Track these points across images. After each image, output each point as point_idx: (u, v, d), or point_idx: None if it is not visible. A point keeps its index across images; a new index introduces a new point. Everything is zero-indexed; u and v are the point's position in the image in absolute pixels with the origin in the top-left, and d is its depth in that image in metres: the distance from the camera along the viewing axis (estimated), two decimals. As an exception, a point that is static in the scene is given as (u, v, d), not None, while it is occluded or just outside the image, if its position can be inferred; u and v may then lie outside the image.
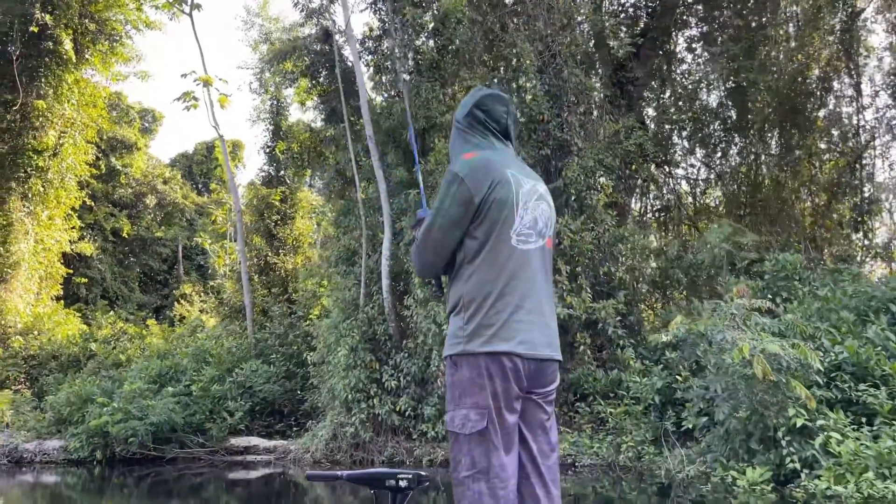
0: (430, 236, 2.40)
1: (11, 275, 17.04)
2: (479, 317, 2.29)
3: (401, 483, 2.43)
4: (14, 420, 13.13)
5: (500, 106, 2.57)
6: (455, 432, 2.31)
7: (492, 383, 2.25)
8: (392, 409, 10.77)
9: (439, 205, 2.39)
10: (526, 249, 2.39)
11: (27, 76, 17.70)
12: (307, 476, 2.86)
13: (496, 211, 2.34)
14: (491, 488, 2.22)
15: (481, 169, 2.36)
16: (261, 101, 20.96)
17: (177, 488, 10.86)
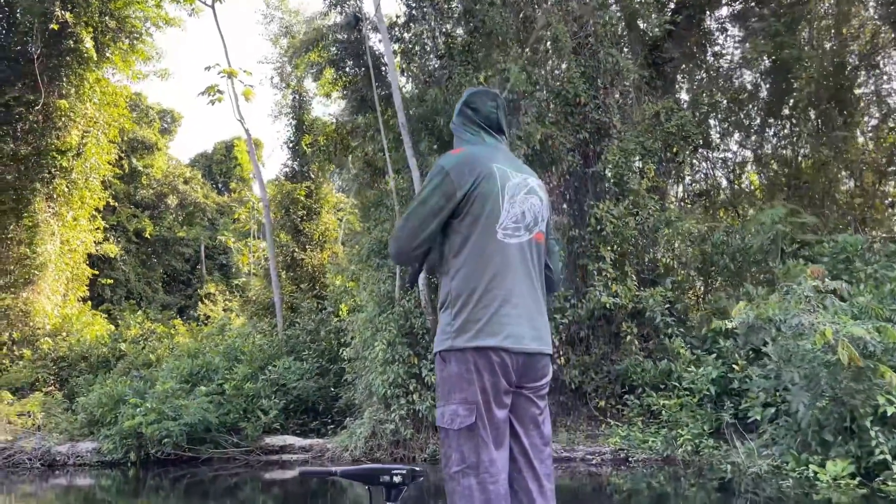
0: (408, 223, 2.39)
1: (39, 276, 16.90)
2: (465, 312, 2.29)
3: (395, 479, 2.43)
4: (46, 422, 12.94)
5: (489, 101, 2.60)
6: (444, 428, 2.30)
7: (480, 378, 2.24)
8: (433, 405, 10.39)
9: (421, 194, 2.40)
10: (512, 243, 2.37)
11: (48, 75, 17.54)
12: (301, 472, 2.91)
13: (480, 205, 2.34)
14: (481, 483, 2.21)
15: (467, 164, 2.37)
16: (282, 97, 20.71)
17: (213, 489, 10.59)
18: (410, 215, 2.40)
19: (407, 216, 2.41)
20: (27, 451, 11.86)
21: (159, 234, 31.02)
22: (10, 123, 17.23)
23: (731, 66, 15.27)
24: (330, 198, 19.59)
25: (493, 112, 2.60)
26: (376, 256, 12.27)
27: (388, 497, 2.48)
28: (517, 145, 10.92)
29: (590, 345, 11.06)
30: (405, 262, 2.52)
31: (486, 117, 2.59)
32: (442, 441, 2.34)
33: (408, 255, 2.46)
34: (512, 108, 11.34)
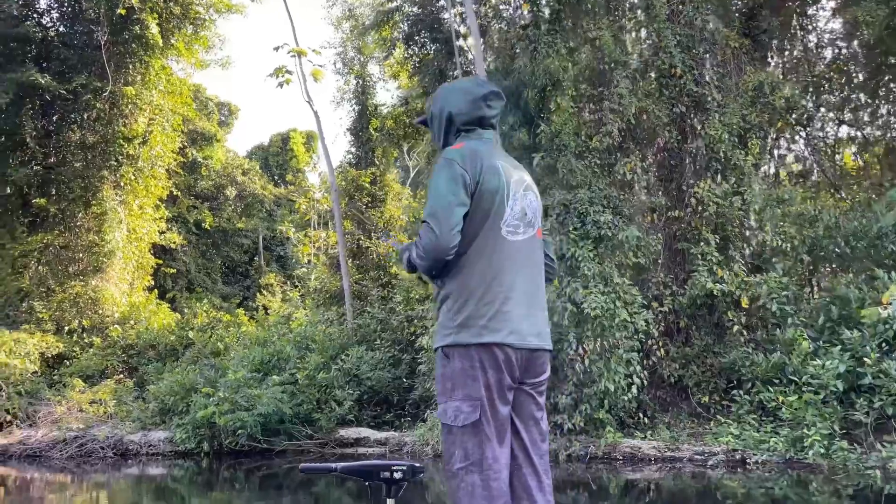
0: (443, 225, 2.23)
1: (107, 264, 16.82)
2: (468, 308, 2.26)
3: (395, 475, 2.43)
4: (117, 410, 12.73)
5: (500, 102, 2.56)
6: (448, 424, 2.27)
7: (484, 375, 2.22)
8: (521, 398, 9.70)
9: (440, 191, 2.28)
10: (515, 241, 2.36)
11: (115, 63, 17.45)
12: (301, 469, 2.81)
13: (488, 201, 2.31)
14: (484, 480, 2.20)
15: (472, 158, 2.33)
16: (344, 83, 20.27)
17: (287, 482, 10.13)
18: (439, 217, 2.25)
19: (437, 219, 2.24)
20: (100, 439, 11.63)
21: (218, 226, 31.15)
22: (78, 112, 17.19)
23: (831, 37, 14.10)
24: (394, 185, 19.05)
25: (498, 113, 2.56)
26: (455, 241, 11.63)
27: (388, 493, 2.47)
28: (610, 119, 10.12)
29: (689, 335, 10.20)
30: (438, 269, 2.32)
31: (492, 117, 2.54)
32: (444, 438, 2.31)
33: (443, 262, 2.29)
34: (604, 81, 10.54)
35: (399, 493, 2.46)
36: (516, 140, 10.10)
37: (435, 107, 2.60)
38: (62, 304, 15.71)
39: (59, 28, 18.96)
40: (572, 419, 9.30)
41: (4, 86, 15.52)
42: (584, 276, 8.96)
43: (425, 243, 2.26)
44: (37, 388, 13.18)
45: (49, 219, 16.80)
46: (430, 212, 2.28)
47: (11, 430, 12.29)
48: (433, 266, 2.31)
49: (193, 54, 20.21)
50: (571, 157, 9.65)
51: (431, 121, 2.62)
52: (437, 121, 2.58)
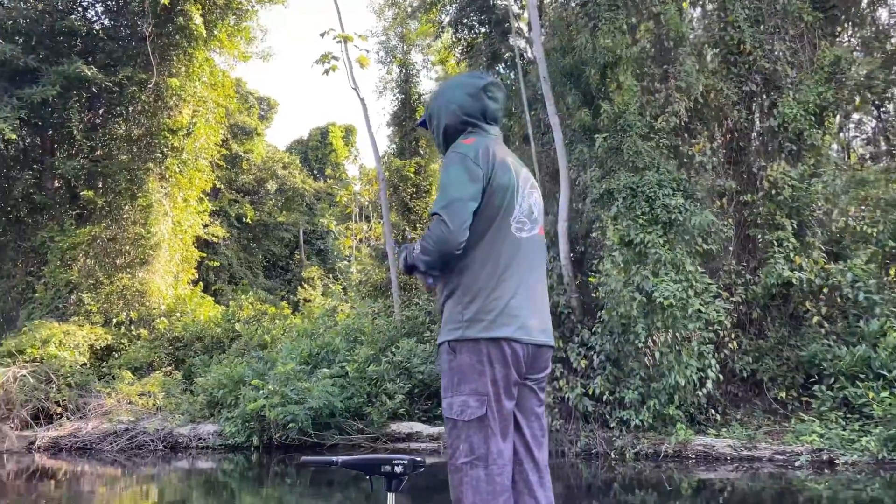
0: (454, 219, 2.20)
1: (153, 256, 16.78)
2: (478, 303, 2.26)
3: (396, 468, 2.45)
4: (166, 403, 12.61)
5: (502, 94, 2.54)
6: (453, 419, 2.27)
7: (492, 369, 2.23)
8: (583, 393, 9.24)
9: (452, 185, 2.25)
10: (523, 237, 2.38)
11: (159, 54, 17.37)
12: (301, 462, 2.87)
13: (499, 197, 2.31)
14: (489, 475, 2.22)
15: (483, 153, 2.31)
16: (387, 72, 19.94)
17: (339, 478, 9.82)
18: (452, 210, 2.22)
19: (449, 213, 2.21)
20: (150, 432, 11.50)
21: (259, 220, 31.22)
22: (124, 104, 17.17)
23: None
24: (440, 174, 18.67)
25: (501, 106, 2.53)
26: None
27: (388, 487, 2.46)
28: (676, 98, 9.55)
29: (763, 327, 9.60)
30: (445, 265, 2.31)
31: (495, 110, 2.50)
32: (449, 432, 2.31)
33: (451, 256, 2.26)
34: (669, 58, 9.96)
35: (400, 486, 2.47)
36: (577, 121, 9.60)
37: (434, 105, 2.57)
38: (110, 297, 15.70)
39: (104, 21, 19.01)
40: (640, 415, 8.80)
41: (52, 78, 15.54)
42: (653, 263, 8.44)
43: (437, 236, 2.23)
44: (86, 381, 13.13)
45: (96, 211, 16.83)
46: (442, 205, 2.24)
47: (62, 422, 12.25)
48: (440, 260, 2.27)
49: (235, 46, 20.08)
50: (637, 137, 9.12)
51: (430, 120, 2.59)
52: (436, 119, 2.55)
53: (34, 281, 15.87)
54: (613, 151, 9.21)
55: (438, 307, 2.44)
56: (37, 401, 12.27)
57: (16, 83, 15.62)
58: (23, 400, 12.10)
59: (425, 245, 2.27)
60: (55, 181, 17.24)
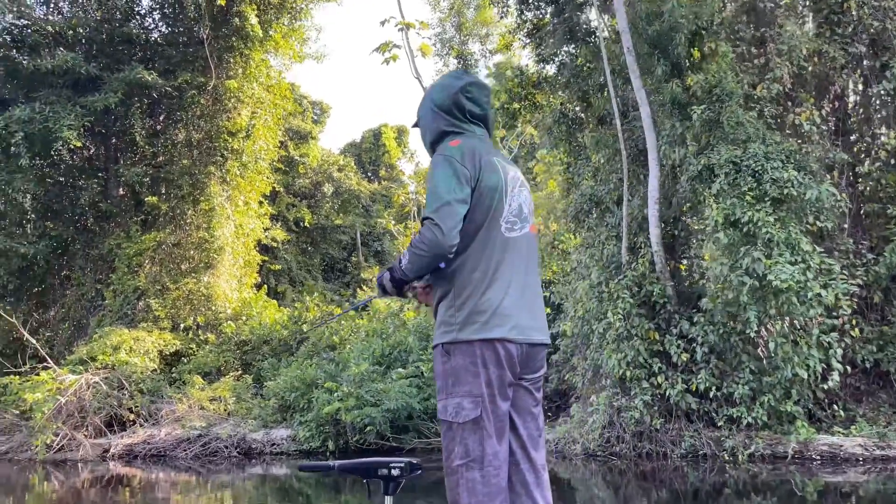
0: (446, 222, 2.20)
1: (217, 260, 16.63)
2: (470, 304, 2.25)
3: (393, 472, 2.43)
4: (237, 408, 12.30)
5: (485, 95, 2.53)
6: (448, 421, 2.28)
7: (486, 371, 2.23)
8: (685, 390, 8.45)
9: (441, 188, 2.25)
10: (512, 237, 2.37)
11: (217, 56, 17.25)
12: (299, 467, 2.82)
13: (488, 198, 2.32)
14: (485, 476, 2.21)
15: (470, 155, 2.32)
16: (443, 64, 19.41)
17: (419, 484, 9.27)
18: (443, 214, 2.21)
19: (441, 216, 2.20)
20: (223, 438, 11.19)
21: (317, 223, 31.19)
22: (183, 109, 17.09)
23: None
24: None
25: (486, 106, 2.53)
26: (591, 213, 10.45)
27: (386, 490, 2.45)
28: (777, 63, 8.67)
29: (886, 312, 8.63)
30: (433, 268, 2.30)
31: (480, 110, 2.51)
32: (444, 434, 2.30)
33: (443, 259, 2.26)
34: (766, 20, 9.08)
35: (397, 490, 2.45)
36: (667, 93, 8.81)
37: (420, 109, 2.57)
38: (177, 302, 15.57)
39: (162, 29, 19.03)
40: (752, 412, 7.96)
41: (113, 86, 15.53)
42: (765, 243, 7.60)
43: (429, 240, 2.20)
44: (157, 387, 12.96)
45: (161, 217, 16.77)
46: (432, 209, 2.23)
47: (135, 429, 12.07)
48: (431, 264, 2.26)
49: (290, 46, 19.86)
50: (737, 107, 8.29)
51: (420, 123, 2.58)
52: (422, 122, 2.56)
53: (103, 288, 15.88)
54: (711, 124, 8.40)
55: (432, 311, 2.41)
56: (110, 408, 12.13)
57: (79, 92, 15.67)
58: (96, 407, 11.97)
59: (416, 251, 2.24)
60: (120, 189, 17.27)
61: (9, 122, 14.28)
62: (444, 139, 2.47)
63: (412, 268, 2.29)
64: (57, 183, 17.01)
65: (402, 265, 2.32)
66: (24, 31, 16.62)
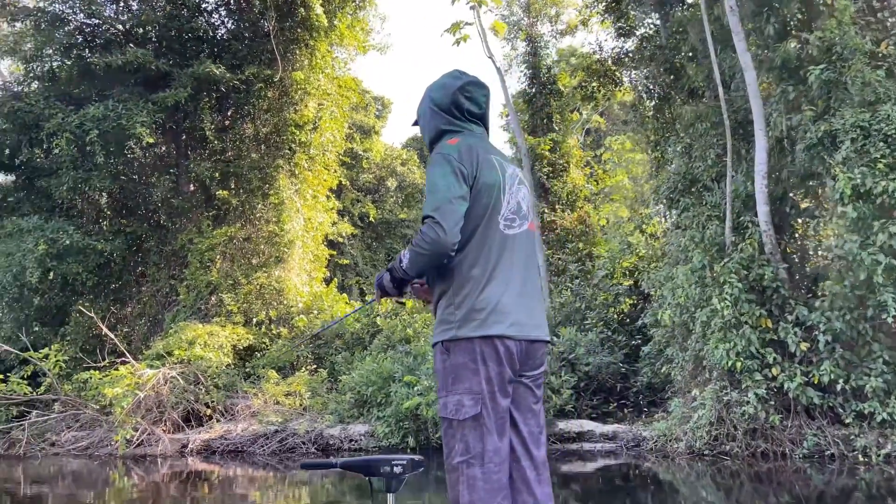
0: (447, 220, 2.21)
1: (288, 254, 16.47)
2: (469, 302, 2.27)
3: (395, 469, 2.42)
4: (312, 403, 12.00)
5: (482, 94, 2.54)
6: (448, 418, 2.29)
7: (485, 368, 2.24)
8: (805, 383, 7.61)
9: (440, 187, 2.27)
10: (511, 234, 2.38)
11: (282, 49, 17.07)
12: (302, 465, 2.86)
13: (486, 196, 2.33)
14: (485, 473, 2.21)
15: (467, 153, 2.34)
16: (511, 48, 18.73)
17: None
18: (444, 212, 2.22)
19: (442, 215, 2.21)
20: (300, 434, 10.88)
21: (381, 217, 31.05)
22: (251, 103, 16.99)
23: None
24: (576, 151, 17.24)
25: (485, 105, 2.55)
26: (686, 192, 9.65)
27: (388, 488, 2.43)
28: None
29: None
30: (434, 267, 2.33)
31: (479, 109, 2.53)
32: (444, 431, 2.30)
33: (445, 258, 2.27)
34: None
35: (400, 487, 2.44)
36: (780, 54, 7.95)
37: (420, 108, 2.59)
38: (248, 296, 15.45)
39: (228, 25, 19.01)
40: (887, 407, 7.07)
41: (183, 81, 15.51)
42: (904, 215, 6.71)
43: (431, 239, 2.20)
44: (232, 382, 12.81)
45: (231, 212, 16.72)
46: (432, 207, 2.24)
47: (212, 424, 11.91)
48: (433, 262, 2.26)
49: (355, 37, 19.57)
50: (862, 66, 7.38)
51: (420, 122, 2.60)
52: (422, 121, 2.58)
53: (177, 284, 15.92)
54: (831, 86, 7.51)
55: (432, 308, 2.40)
56: (187, 403, 12.01)
57: (150, 88, 15.73)
58: (173, 402, 11.87)
59: (418, 250, 2.23)
60: (190, 185, 17.31)
61: (84, 121, 14.40)
62: (442, 138, 2.47)
63: (413, 267, 2.29)
64: (130, 180, 17.18)
65: (403, 265, 2.33)
66: (96, 30, 16.83)
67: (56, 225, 14.52)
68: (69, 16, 16.30)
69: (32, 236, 14.05)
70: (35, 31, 15.75)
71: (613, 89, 13.16)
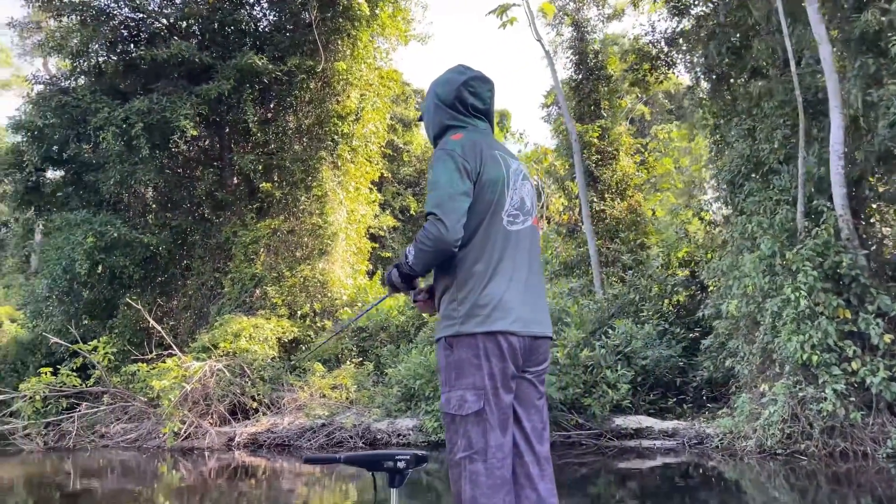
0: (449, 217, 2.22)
1: (331, 246, 16.32)
2: (472, 297, 2.27)
3: (399, 464, 2.39)
4: (359, 396, 11.79)
5: (487, 89, 2.53)
6: (451, 414, 2.29)
7: (488, 363, 2.25)
8: (889, 377, 7.06)
9: (443, 182, 2.27)
10: (514, 230, 2.38)
11: (324, 39, 16.89)
12: (305, 459, 2.88)
13: (489, 191, 2.34)
14: (488, 469, 2.21)
15: (471, 148, 2.34)
16: (556, 33, 18.23)
17: (560, 480, 8.33)
18: (447, 208, 2.23)
19: (444, 210, 2.23)
20: (347, 428, 10.67)
21: (422, 211, 30.79)
22: (293, 95, 16.86)
23: None
24: (626, 138, 16.69)
25: (489, 100, 2.54)
26: (751, 176, 9.12)
27: (391, 483, 2.42)
28: None
29: None
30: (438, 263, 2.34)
31: (483, 104, 2.52)
32: (447, 427, 2.31)
33: (448, 253, 2.28)
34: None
35: (403, 482, 2.43)
36: (859, 25, 7.38)
37: (424, 104, 2.61)
38: (293, 289, 15.35)
39: (270, 17, 18.93)
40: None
41: (226, 73, 15.45)
42: None
43: (433, 235, 2.21)
44: (277, 374, 12.69)
45: (274, 205, 16.65)
46: (435, 203, 2.26)
47: (258, 417, 11.80)
48: (436, 258, 2.28)
49: (397, 26, 19.30)
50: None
51: (424, 117, 2.61)
52: (426, 117, 2.60)
53: (221, 277, 15.90)
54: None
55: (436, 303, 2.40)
56: (233, 395, 11.92)
57: (193, 81, 15.73)
58: (220, 395, 11.79)
59: (421, 246, 2.26)
60: (234, 178, 17.28)
61: (129, 114, 14.43)
62: (446, 133, 2.46)
63: (418, 262, 2.29)
64: (175, 174, 17.23)
65: (409, 261, 2.33)
66: (140, 24, 16.89)
67: (103, 218, 14.61)
68: (114, 10, 16.37)
69: (81, 229, 14.15)
70: (81, 27, 15.86)
71: (666, 72, 12.59)
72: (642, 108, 25.36)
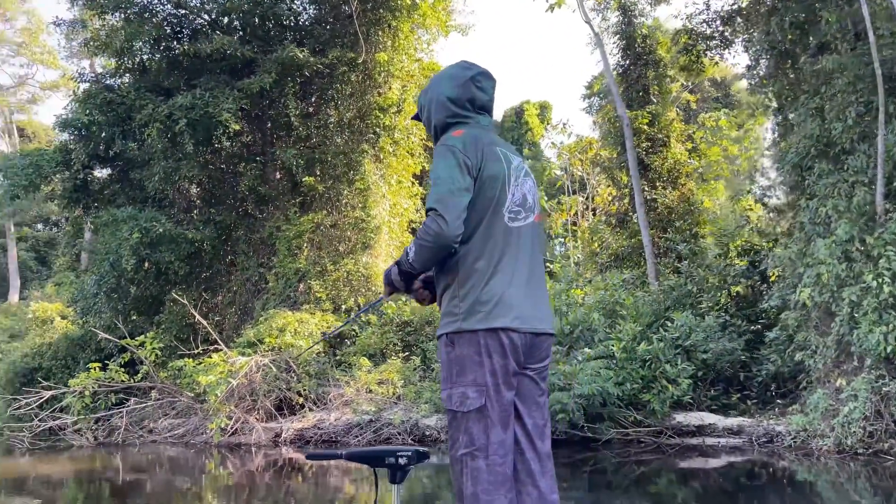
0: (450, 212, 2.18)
1: (374, 240, 16.12)
2: (474, 294, 2.26)
3: (400, 460, 2.42)
4: (406, 392, 11.54)
5: (492, 84, 2.54)
6: (452, 410, 2.29)
7: (490, 360, 2.24)
8: (985, 371, 6.48)
9: (443, 177, 2.25)
10: (516, 226, 2.37)
11: (365, 30, 16.67)
12: (307, 455, 2.94)
13: (490, 187, 2.33)
14: (489, 465, 2.21)
15: (472, 144, 2.32)
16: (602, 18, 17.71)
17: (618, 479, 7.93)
18: (447, 204, 2.20)
19: (445, 206, 2.19)
20: (395, 424, 10.43)
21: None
22: (335, 88, 16.70)
23: None
24: (676, 125, 16.09)
25: (492, 96, 2.55)
26: (821, 157, 8.54)
27: (392, 479, 2.44)
28: None
29: None
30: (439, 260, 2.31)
31: (487, 98, 2.53)
32: (448, 423, 2.33)
33: (449, 250, 2.25)
34: None
35: (405, 478, 2.44)
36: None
37: (425, 98, 2.55)
38: (336, 283, 15.18)
39: (310, 10, 18.81)
40: None
41: (268, 67, 15.35)
42: None
43: (434, 232, 2.19)
44: (323, 369, 12.52)
45: (317, 199, 16.51)
46: (436, 199, 2.23)
47: (304, 413, 11.64)
48: (437, 255, 2.25)
49: (437, 16, 18.99)
50: None
51: (422, 113, 2.58)
52: (427, 112, 2.54)
53: (265, 272, 15.84)
54: None
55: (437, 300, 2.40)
56: (279, 391, 11.79)
57: (235, 76, 15.67)
58: (266, 390, 11.66)
59: (422, 242, 2.23)
60: (276, 172, 17.21)
61: (173, 110, 14.42)
62: (448, 129, 2.43)
63: (419, 259, 2.27)
64: (218, 170, 17.23)
65: (409, 258, 2.30)
66: (183, 20, 16.90)
67: (149, 214, 14.65)
68: (157, 7, 16.42)
69: (127, 226, 14.20)
70: (125, 24, 15.92)
71: (722, 52, 12.01)
72: (688, 97, 24.59)
